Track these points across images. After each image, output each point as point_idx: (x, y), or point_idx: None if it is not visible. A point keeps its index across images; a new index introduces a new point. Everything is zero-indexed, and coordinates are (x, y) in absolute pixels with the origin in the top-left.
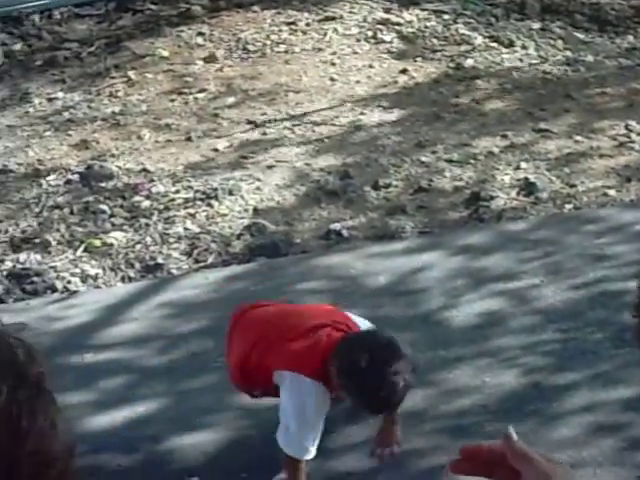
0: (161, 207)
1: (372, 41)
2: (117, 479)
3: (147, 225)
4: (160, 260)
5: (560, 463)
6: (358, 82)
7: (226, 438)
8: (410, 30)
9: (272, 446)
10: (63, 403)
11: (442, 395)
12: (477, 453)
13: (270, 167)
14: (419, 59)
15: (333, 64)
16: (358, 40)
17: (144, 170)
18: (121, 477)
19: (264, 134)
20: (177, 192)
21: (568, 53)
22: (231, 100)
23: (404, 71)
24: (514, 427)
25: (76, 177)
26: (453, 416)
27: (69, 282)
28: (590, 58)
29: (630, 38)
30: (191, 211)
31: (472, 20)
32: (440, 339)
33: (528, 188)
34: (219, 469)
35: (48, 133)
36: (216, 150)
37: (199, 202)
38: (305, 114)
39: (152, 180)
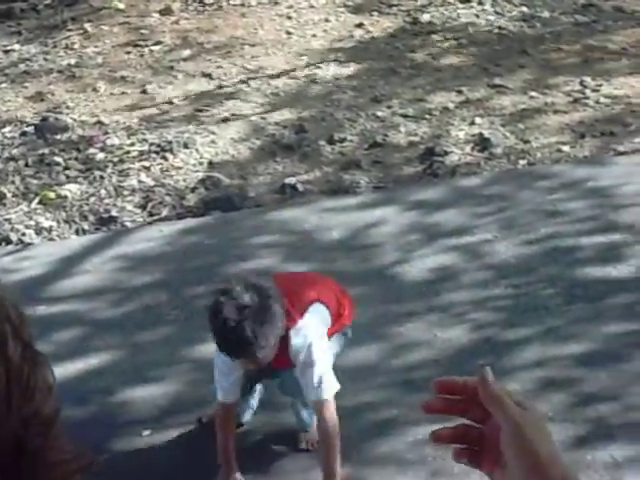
0: (115, 160)
1: None
2: (70, 431)
3: (101, 177)
4: (114, 213)
5: (533, 409)
6: (314, 36)
7: (179, 391)
8: None
9: None
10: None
11: (394, 349)
12: (451, 387)
13: (225, 120)
14: (375, 13)
15: (289, 17)
16: None
17: (99, 122)
18: (73, 430)
19: (219, 87)
20: (132, 145)
21: (524, 9)
22: (187, 53)
23: (360, 25)
24: None
25: (31, 129)
26: (404, 370)
27: (23, 234)
28: (546, 14)
29: None
30: (146, 164)
31: None
32: (393, 294)
33: (482, 144)
34: (172, 422)
35: (4, 85)
36: (171, 103)
37: (154, 155)
38: (261, 68)
39: (107, 132)
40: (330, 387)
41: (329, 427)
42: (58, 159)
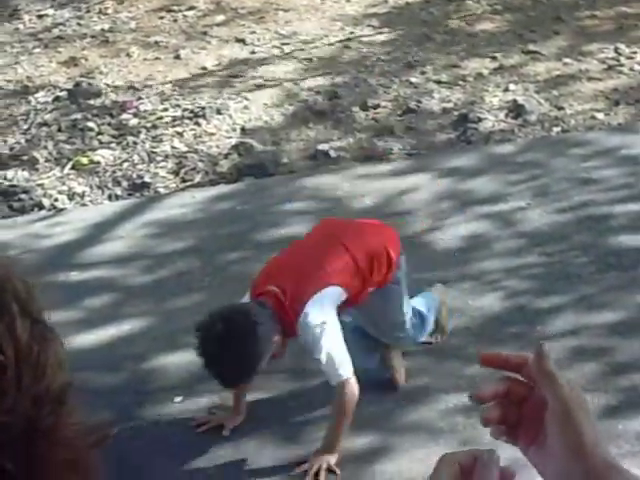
0: (149, 125)
1: None
2: (101, 398)
3: (134, 143)
4: (147, 179)
5: (578, 390)
6: (348, 1)
7: None
8: None
9: None
10: (49, 321)
11: None
12: (494, 361)
13: (259, 86)
14: None
15: None
16: None
17: (132, 88)
18: (105, 396)
19: (253, 53)
20: (165, 110)
21: None
22: (220, 18)
23: None
24: (500, 350)
25: (64, 94)
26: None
27: (56, 200)
28: None
29: None
30: (179, 130)
31: None
32: (425, 261)
33: (516, 110)
34: (203, 389)
35: (37, 50)
36: (204, 68)
37: (187, 121)
38: (294, 33)
39: (140, 98)
40: (344, 367)
41: (346, 405)
42: (91, 124)
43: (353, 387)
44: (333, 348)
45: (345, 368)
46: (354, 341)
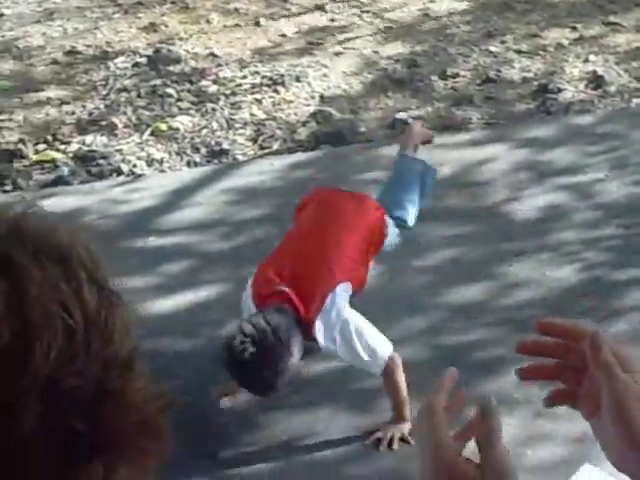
0: (228, 92)
1: None
2: (177, 364)
3: (213, 110)
4: (226, 145)
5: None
6: None
7: None
8: None
9: None
10: (127, 286)
11: (502, 288)
12: (552, 329)
13: (338, 54)
14: None
15: None
16: None
17: (212, 54)
18: (181, 362)
19: (332, 20)
20: (244, 77)
21: None
22: None
23: None
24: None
25: (144, 60)
26: (512, 309)
27: (135, 165)
28: None
29: None
30: (258, 97)
31: None
32: (502, 232)
33: (596, 81)
34: None
35: (117, 15)
36: (284, 36)
37: (266, 88)
38: (374, 1)
39: (219, 65)
40: (384, 349)
41: (399, 381)
42: (170, 91)
43: (397, 361)
44: (367, 334)
45: (384, 350)
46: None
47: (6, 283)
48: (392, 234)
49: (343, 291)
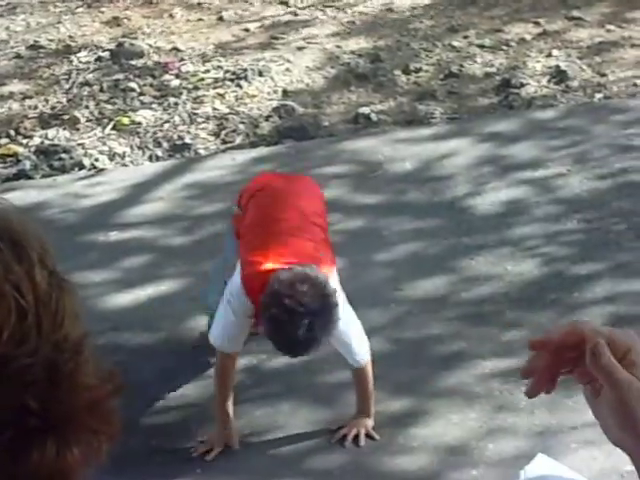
0: (190, 86)
1: None
2: (138, 357)
3: (176, 104)
4: (188, 140)
5: (634, 363)
6: None
7: None
8: None
9: None
10: (87, 281)
11: (463, 282)
12: (546, 345)
13: (300, 49)
14: None
15: None
16: None
17: (174, 49)
18: (142, 355)
19: (295, 15)
20: (207, 72)
21: None
22: None
23: None
24: (537, 316)
25: (106, 54)
26: (474, 303)
27: (97, 159)
28: None
29: None
30: (220, 91)
31: None
32: (464, 226)
33: (559, 76)
34: (243, 349)
35: (80, 10)
36: (247, 30)
37: (228, 82)
38: None
39: (182, 59)
40: (366, 350)
41: (370, 378)
42: (133, 85)
43: (369, 366)
44: (360, 333)
45: (367, 347)
46: None
47: None
48: None
49: (335, 275)
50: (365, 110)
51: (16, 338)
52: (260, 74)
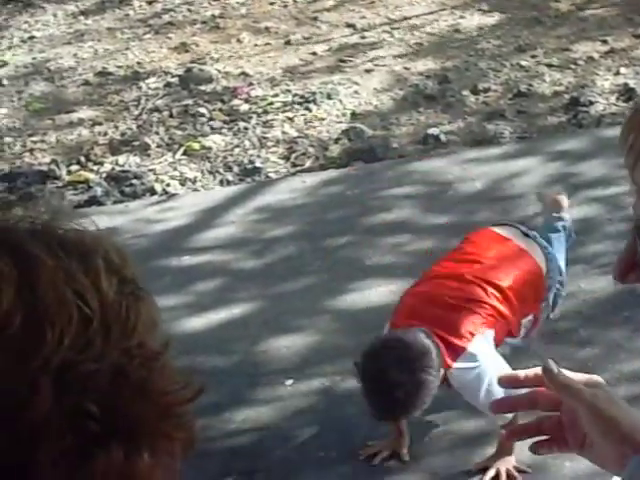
0: (260, 111)
1: None
2: (212, 381)
3: (245, 129)
4: (258, 164)
5: (601, 386)
6: None
7: (321, 341)
8: None
9: None
10: (160, 305)
11: None
12: (514, 381)
13: (368, 71)
14: None
15: None
16: None
17: (243, 73)
18: (216, 378)
19: (363, 38)
20: (276, 96)
21: None
22: (330, 3)
23: None
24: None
25: (175, 80)
26: (548, 321)
27: (168, 185)
28: None
29: None
30: (289, 115)
31: None
32: None
33: (627, 93)
34: (314, 372)
35: (148, 36)
36: (315, 54)
37: (297, 106)
38: (404, 18)
39: (251, 84)
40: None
41: None
42: (202, 110)
43: None
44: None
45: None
46: None
47: (16, 271)
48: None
49: (485, 341)
50: (434, 131)
51: (79, 344)
52: (328, 97)
